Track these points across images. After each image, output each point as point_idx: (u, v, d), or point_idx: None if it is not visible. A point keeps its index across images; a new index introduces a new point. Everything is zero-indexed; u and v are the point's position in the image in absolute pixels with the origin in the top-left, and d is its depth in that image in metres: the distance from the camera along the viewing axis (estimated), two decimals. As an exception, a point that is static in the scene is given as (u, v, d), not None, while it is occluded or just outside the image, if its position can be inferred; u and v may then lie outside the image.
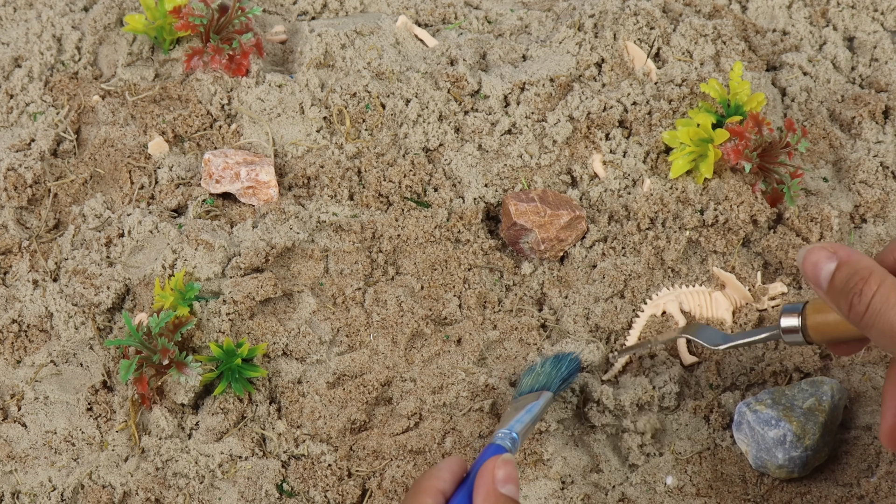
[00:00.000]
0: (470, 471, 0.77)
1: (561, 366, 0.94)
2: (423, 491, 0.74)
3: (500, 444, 0.81)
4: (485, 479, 0.75)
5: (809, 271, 0.77)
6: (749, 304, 1.00)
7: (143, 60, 1.17)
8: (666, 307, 1.00)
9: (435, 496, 0.74)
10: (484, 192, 1.06)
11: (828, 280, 0.75)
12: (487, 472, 0.75)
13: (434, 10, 1.21)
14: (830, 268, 0.76)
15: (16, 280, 1.04)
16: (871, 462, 0.93)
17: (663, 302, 1.00)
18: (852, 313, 0.74)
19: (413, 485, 0.75)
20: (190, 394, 0.96)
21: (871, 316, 0.73)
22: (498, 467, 0.76)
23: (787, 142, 1.03)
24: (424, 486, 0.75)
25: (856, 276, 0.74)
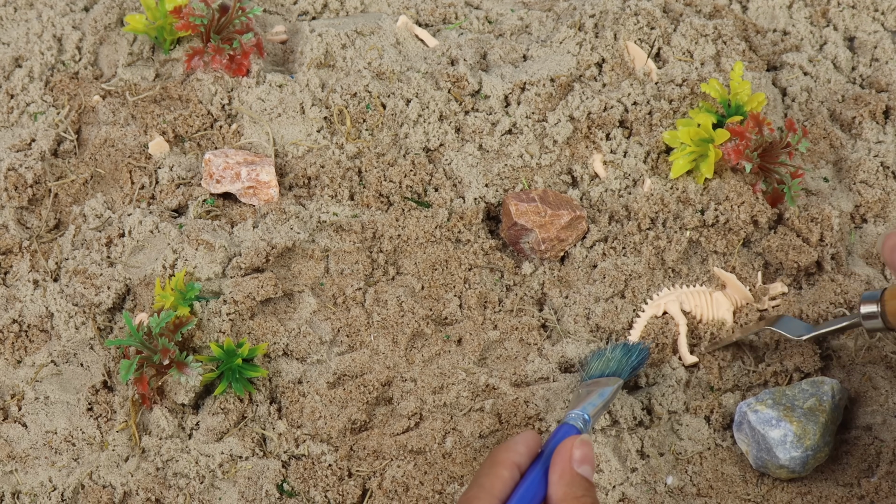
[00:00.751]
0: (544, 448, 0.78)
1: (631, 354, 0.95)
2: (500, 462, 0.74)
3: (572, 425, 0.82)
4: (562, 458, 0.76)
5: (888, 255, 0.78)
6: (749, 304, 1.00)
7: (143, 60, 1.17)
8: (667, 307, 1.00)
9: (511, 469, 0.74)
10: (484, 192, 1.06)
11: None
12: (565, 451, 0.76)
13: (434, 10, 1.21)
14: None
15: (16, 280, 1.04)
16: (872, 462, 0.93)
17: (664, 302, 1.00)
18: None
19: (489, 455, 0.75)
20: (190, 394, 0.96)
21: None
22: (576, 447, 0.76)
23: (788, 142, 1.03)
24: (501, 458, 0.75)
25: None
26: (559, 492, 0.74)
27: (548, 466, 0.75)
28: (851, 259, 1.05)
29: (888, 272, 1.04)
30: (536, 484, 0.74)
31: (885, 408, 0.95)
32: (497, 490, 0.73)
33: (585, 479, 0.75)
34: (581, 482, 0.75)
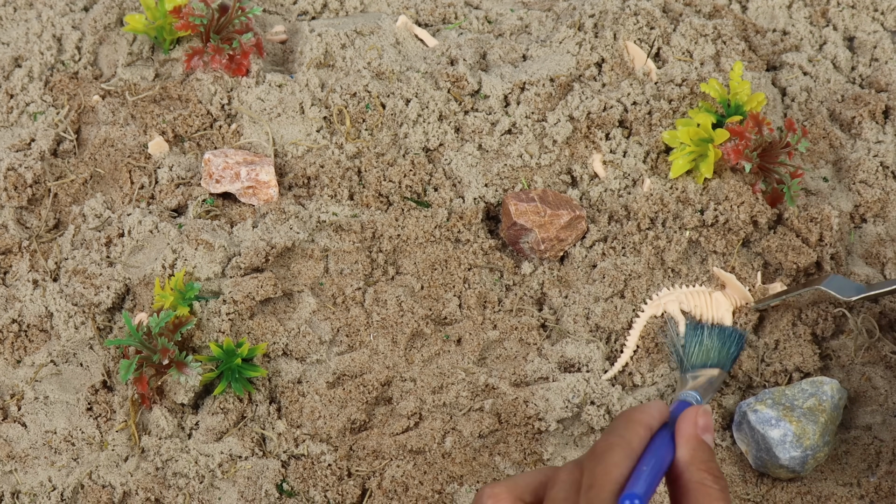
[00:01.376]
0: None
1: (730, 344, 0.96)
2: (637, 421, 0.76)
3: (689, 402, 0.83)
4: (687, 424, 0.78)
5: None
6: (749, 304, 1.00)
7: (143, 60, 1.17)
8: (666, 307, 1.00)
9: (645, 428, 0.76)
10: (484, 192, 1.06)
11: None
12: (690, 418, 0.78)
13: (434, 10, 1.21)
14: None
15: (16, 280, 1.04)
16: (871, 462, 0.93)
17: (663, 302, 1.00)
18: None
19: (624, 414, 0.77)
20: (190, 394, 0.96)
21: None
22: (700, 416, 0.78)
23: (788, 142, 1.03)
24: (637, 417, 0.76)
25: None
26: (687, 455, 0.77)
27: (673, 433, 0.77)
28: (851, 259, 1.05)
29: (888, 272, 1.04)
30: (665, 446, 0.76)
31: (884, 408, 0.95)
32: (635, 444, 0.75)
33: (708, 447, 0.78)
34: (705, 448, 0.77)
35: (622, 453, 0.73)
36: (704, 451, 0.76)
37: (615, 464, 0.73)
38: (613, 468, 0.72)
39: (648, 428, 0.76)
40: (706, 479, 0.75)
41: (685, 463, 0.76)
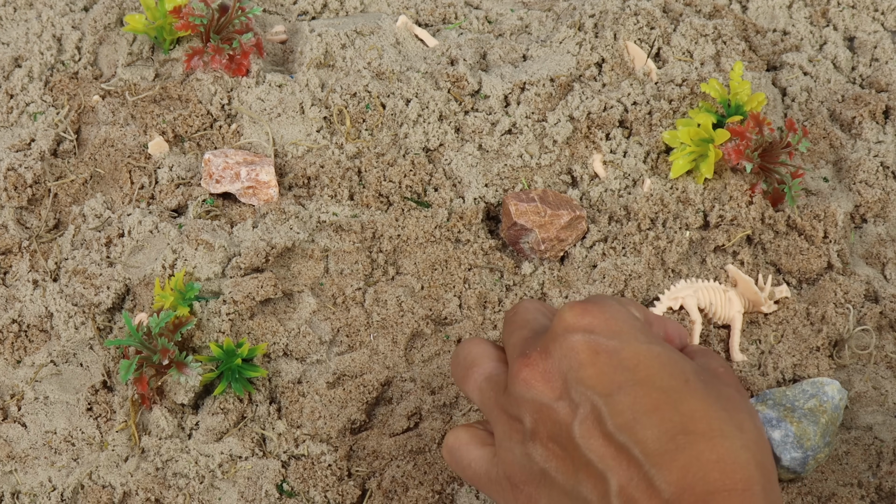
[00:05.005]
0: None
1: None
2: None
3: None
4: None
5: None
6: (756, 306, 1.00)
7: (143, 60, 1.17)
8: (684, 302, 0.98)
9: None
10: (484, 192, 1.06)
11: None
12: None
13: (434, 10, 1.21)
14: None
15: (16, 280, 1.04)
16: (872, 462, 0.93)
17: (682, 296, 0.98)
18: None
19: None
20: (190, 394, 0.96)
21: None
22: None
23: (788, 142, 1.03)
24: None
25: None
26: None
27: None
28: (852, 259, 1.05)
29: (888, 272, 1.03)
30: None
31: (885, 408, 0.95)
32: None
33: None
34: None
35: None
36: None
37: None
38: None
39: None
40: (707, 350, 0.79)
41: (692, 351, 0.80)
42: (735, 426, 0.68)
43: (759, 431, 0.70)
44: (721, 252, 1.03)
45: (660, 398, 0.69)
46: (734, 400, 0.71)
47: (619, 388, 0.70)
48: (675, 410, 0.68)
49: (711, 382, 0.71)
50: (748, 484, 0.66)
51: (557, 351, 0.73)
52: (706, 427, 0.68)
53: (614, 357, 0.71)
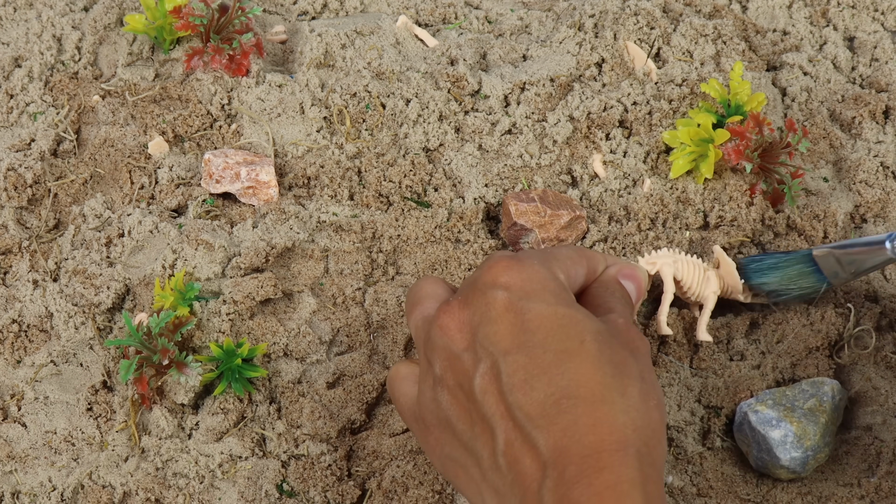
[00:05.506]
0: None
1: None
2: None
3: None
4: (613, 268, 0.86)
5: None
6: (734, 293, 0.98)
7: (143, 60, 1.17)
8: (661, 269, 0.95)
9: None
10: (484, 192, 1.06)
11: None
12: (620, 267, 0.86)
13: (434, 10, 1.21)
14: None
15: (16, 280, 1.04)
16: (872, 462, 0.93)
17: (661, 263, 0.95)
18: None
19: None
20: (190, 394, 0.96)
21: None
22: (626, 266, 0.85)
23: (788, 142, 1.03)
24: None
25: None
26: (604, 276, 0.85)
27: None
28: (851, 259, 1.05)
29: (888, 271, 1.03)
30: None
31: (885, 408, 0.95)
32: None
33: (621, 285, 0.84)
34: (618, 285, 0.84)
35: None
36: (612, 282, 0.84)
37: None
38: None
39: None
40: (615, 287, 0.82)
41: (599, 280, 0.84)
42: (618, 391, 0.71)
43: (643, 395, 0.72)
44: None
45: (552, 361, 0.71)
46: (624, 364, 0.73)
47: (517, 348, 0.72)
48: (562, 374, 0.71)
49: (608, 343, 0.73)
50: (621, 445, 0.69)
51: (475, 303, 0.75)
52: (588, 392, 0.70)
53: (520, 317, 0.73)
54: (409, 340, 1.00)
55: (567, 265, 0.80)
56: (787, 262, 0.97)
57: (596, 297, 0.82)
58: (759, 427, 0.91)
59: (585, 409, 0.70)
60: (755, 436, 0.91)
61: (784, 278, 0.97)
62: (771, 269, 0.97)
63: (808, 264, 0.96)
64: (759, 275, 0.97)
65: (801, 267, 0.96)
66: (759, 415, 0.91)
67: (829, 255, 0.95)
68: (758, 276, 0.97)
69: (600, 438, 0.69)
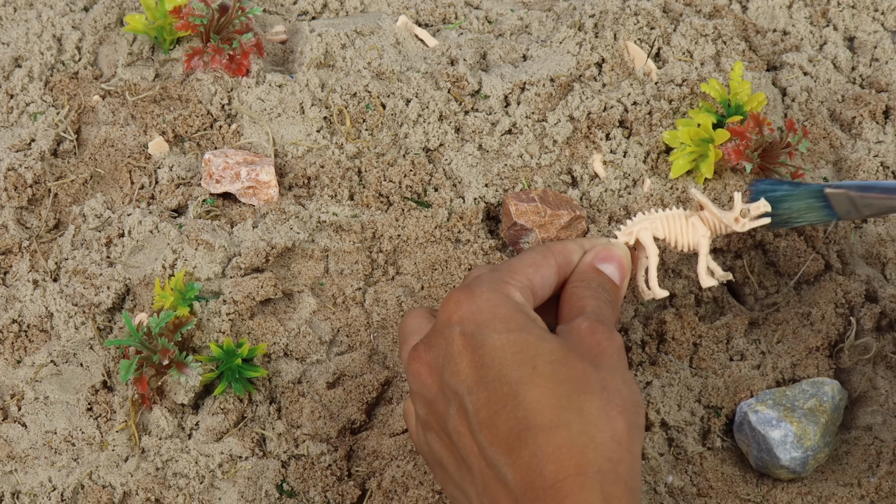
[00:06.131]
0: None
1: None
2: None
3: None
4: (589, 254, 0.84)
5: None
6: (727, 228, 0.93)
7: (143, 60, 1.17)
8: (639, 236, 0.90)
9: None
10: (484, 192, 1.06)
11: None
12: (595, 249, 0.84)
13: (434, 10, 1.21)
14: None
15: (16, 280, 1.04)
16: (872, 462, 0.93)
17: (637, 230, 0.90)
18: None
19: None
20: (190, 394, 0.96)
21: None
22: (604, 248, 0.84)
23: (788, 142, 1.03)
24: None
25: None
26: (574, 274, 0.82)
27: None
28: (852, 259, 1.05)
29: (888, 271, 1.03)
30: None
31: (885, 408, 0.95)
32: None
33: (594, 269, 0.82)
34: (592, 272, 0.82)
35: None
36: (589, 272, 0.81)
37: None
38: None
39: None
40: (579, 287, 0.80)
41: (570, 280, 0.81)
42: (574, 411, 0.69)
43: (603, 407, 0.70)
44: (720, 253, 1.03)
45: (508, 393, 0.70)
46: (581, 378, 0.71)
47: (478, 384, 0.71)
48: (519, 405, 0.69)
49: (563, 361, 0.71)
50: (580, 469, 0.67)
51: (436, 344, 0.74)
52: (544, 419, 0.69)
53: (475, 352, 0.72)
54: (409, 340, 1.00)
55: (528, 274, 0.78)
56: (799, 196, 0.94)
57: (571, 296, 0.79)
58: (759, 427, 0.91)
59: (544, 437, 0.68)
60: (755, 436, 0.91)
61: (793, 210, 0.94)
62: (781, 199, 0.94)
63: (818, 200, 0.94)
64: (769, 202, 0.93)
65: (811, 202, 0.93)
66: (760, 415, 0.91)
67: (843, 194, 0.92)
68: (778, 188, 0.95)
69: (560, 467, 0.67)
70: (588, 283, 0.80)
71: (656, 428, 0.94)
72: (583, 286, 0.80)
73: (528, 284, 0.77)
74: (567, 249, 0.82)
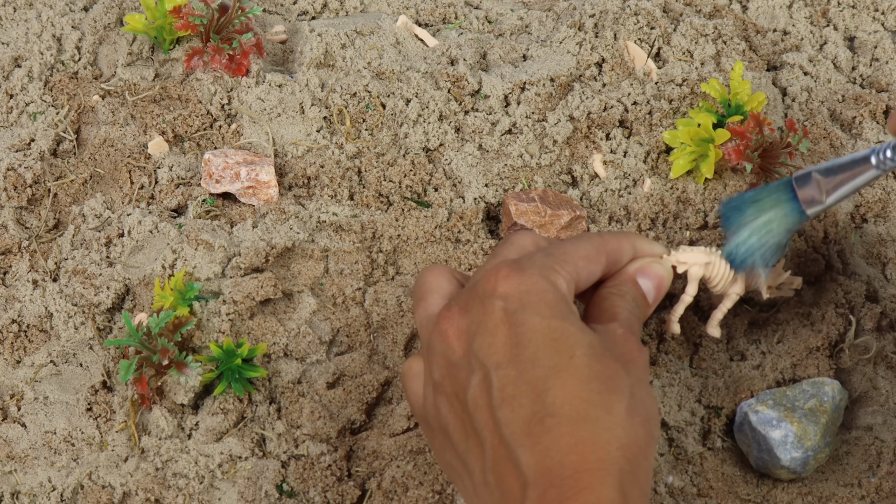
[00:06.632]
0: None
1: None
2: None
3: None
4: (633, 265, 0.84)
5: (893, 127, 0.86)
6: (757, 290, 0.93)
7: (143, 60, 1.17)
8: (690, 271, 0.88)
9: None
10: (484, 192, 1.06)
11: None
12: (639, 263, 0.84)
13: (434, 9, 1.21)
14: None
15: (16, 280, 1.04)
16: (873, 462, 0.93)
17: (691, 263, 0.88)
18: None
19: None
20: (190, 394, 0.96)
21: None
22: (649, 264, 0.83)
23: (788, 142, 1.03)
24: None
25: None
26: (610, 282, 0.82)
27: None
28: (852, 259, 1.05)
29: (888, 272, 1.03)
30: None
31: (885, 408, 0.95)
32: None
33: (634, 282, 0.82)
34: (632, 284, 0.82)
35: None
36: (628, 283, 0.81)
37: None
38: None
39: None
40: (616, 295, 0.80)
41: (606, 285, 0.81)
42: (603, 408, 0.70)
43: (630, 411, 0.71)
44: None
45: (540, 377, 0.70)
46: (614, 379, 0.71)
47: (509, 361, 0.71)
48: (548, 391, 0.70)
49: (599, 358, 0.72)
50: (602, 464, 0.68)
51: (473, 311, 0.74)
52: (572, 410, 0.69)
53: (514, 329, 0.72)
54: (410, 340, 1.00)
55: (578, 266, 0.78)
56: (767, 192, 0.91)
57: (605, 300, 0.80)
58: (759, 427, 0.91)
59: (568, 428, 0.69)
60: (755, 436, 0.91)
61: (763, 207, 0.91)
62: (751, 201, 0.91)
63: (786, 192, 0.91)
64: (738, 213, 0.91)
65: (779, 195, 0.91)
66: (760, 415, 0.91)
67: (810, 178, 0.89)
68: (737, 215, 0.91)
69: (582, 458, 0.68)
70: (624, 295, 0.81)
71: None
72: (618, 295, 0.81)
73: (574, 276, 0.77)
74: (620, 249, 0.82)
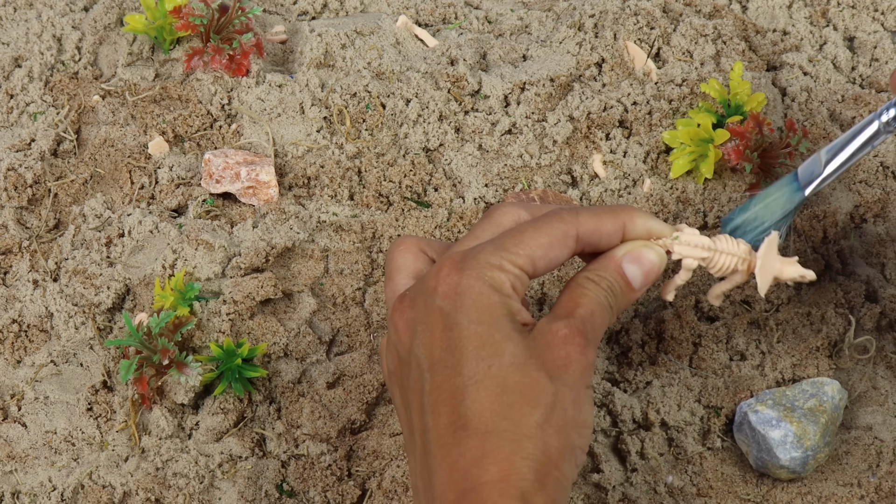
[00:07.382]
0: None
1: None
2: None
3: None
4: (619, 247, 0.79)
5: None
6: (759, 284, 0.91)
7: (143, 60, 1.17)
8: (684, 262, 0.83)
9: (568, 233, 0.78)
10: (484, 192, 1.06)
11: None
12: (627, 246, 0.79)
13: (434, 10, 1.21)
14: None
15: (16, 280, 1.04)
16: (872, 462, 0.93)
17: (690, 255, 0.82)
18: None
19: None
20: (190, 394, 0.96)
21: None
22: (638, 248, 0.79)
23: (788, 142, 1.03)
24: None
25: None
26: (595, 264, 0.78)
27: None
28: (852, 259, 1.05)
29: (888, 271, 1.03)
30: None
31: (885, 408, 0.95)
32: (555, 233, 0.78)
33: (619, 270, 0.78)
34: (616, 271, 0.78)
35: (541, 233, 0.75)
36: (608, 269, 0.78)
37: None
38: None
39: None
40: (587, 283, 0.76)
41: (590, 266, 0.78)
42: (512, 421, 0.69)
43: (542, 421, 0.70)
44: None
45: (458, 386, 0.70)
46: (532, 388, 0.70)
47: (437, 365, 0.71)
48: (463, 402, 0.70)
49: (520, 367, 0.71)
50: (503, 477, 0.68)
51: (419, 306, 0.74)
52: (481, 423, 0.69)
53: (447, 332, 0.71)
54: (409, 340, 1.00)
55: (534, 255, 0.74)
56: (773, 188, 0.88)
57: (574, 288, 0.76)
58: (759, 427, 0.91)
59: (476, 440, 0.69)
60: (755, 436, 0.91)
61: (767, 196, 0.88)
62: (756, 200, 0.88)
63: (790, 180, 0.88)
64: (742, 209, 0.88)
65: (781, 184, 0.88)
66: (759, 415, 0.91)
67: (814, 157, 0.88)
68: (741, 209, 0.88)
69: (483, 470, 0.68)
70: (600, 282, 0.76)
71: (656, 428, 0.94)
72: (593, 281, 0.76)
73: (528, 268, 0.74)
74: (598, 231, 0.76)
